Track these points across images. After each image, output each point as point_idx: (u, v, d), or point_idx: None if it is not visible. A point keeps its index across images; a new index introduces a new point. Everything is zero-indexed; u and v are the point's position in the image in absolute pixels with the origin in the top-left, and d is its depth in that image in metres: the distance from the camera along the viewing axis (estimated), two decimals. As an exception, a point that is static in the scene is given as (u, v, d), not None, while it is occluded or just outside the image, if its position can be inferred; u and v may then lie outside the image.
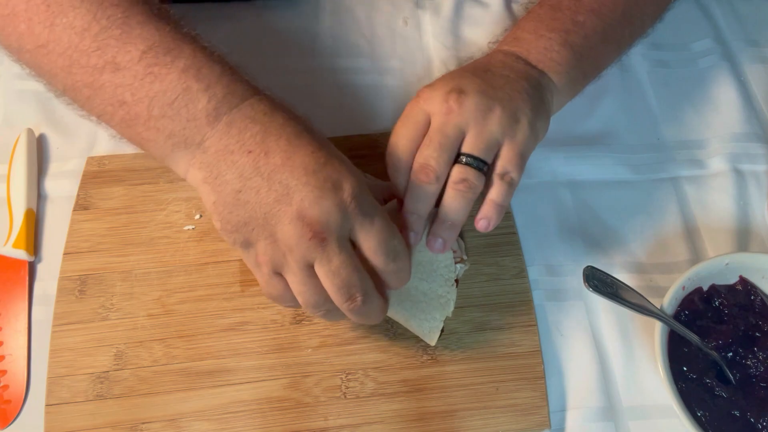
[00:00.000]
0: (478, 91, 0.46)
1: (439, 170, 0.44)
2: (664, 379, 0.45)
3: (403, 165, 0.46)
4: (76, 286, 0.52)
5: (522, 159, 0.47)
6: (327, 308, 0.42)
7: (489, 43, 0.57)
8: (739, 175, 0.60)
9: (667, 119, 0.64)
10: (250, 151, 0.39)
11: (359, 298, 0.41)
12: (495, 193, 0.46)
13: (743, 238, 0.57)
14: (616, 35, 0.55)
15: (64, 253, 0.53)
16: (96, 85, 0.40)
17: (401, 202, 0.46)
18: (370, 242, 0.40)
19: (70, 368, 0.49)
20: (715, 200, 0.59)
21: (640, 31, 0.58)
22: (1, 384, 0.49)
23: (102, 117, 0.42)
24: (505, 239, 0.55)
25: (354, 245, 0.41)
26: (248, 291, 0.52)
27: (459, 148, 0.46)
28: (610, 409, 0.49)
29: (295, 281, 0.41)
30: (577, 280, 0.54)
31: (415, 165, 0.45)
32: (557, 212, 0.58)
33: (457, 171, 0.45)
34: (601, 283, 0.47)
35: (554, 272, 0.55)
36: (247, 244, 0.41)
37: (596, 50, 0.53)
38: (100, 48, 0.39)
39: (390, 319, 0.51)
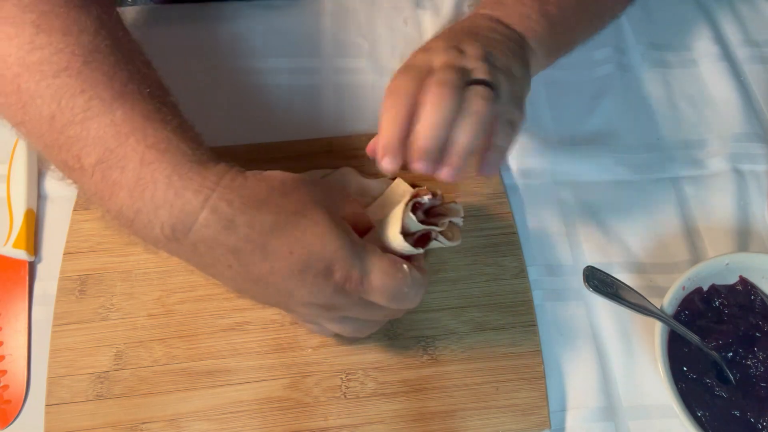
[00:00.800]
0: (475, 44, 0.45)
1: (457, 84, 0.41)
2: (664, 379, 0.45)
3: (403, 100, 0.42)
4: (76, 286, 0.52)
5: (522, 102, 0.46)
6: (369, 328, 0.47)
7: (469, 5, 0.56)
8: (739, 175, 0.60)
9: (667, 119, 0.64)
10: (230, 266, 0.37)
11: (377, 327, 0.47)
12: (501, 137, 0.45)
13: (743, 238, 0.57)
14: (589, 11, 0.55)
15: (64, 253, 0.53)
16: (73, 182, 0.40)
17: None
18: (376, 298, 0.40)
19: (70, 368, 0.49)
20: (715, 200, 0.59)
21: (611, 12, 0.58)
22: (1, 384, 0.49)
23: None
24: (505, 239, 0.55)
25: None
26: (248, 291, 0.52)
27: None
28: (610, 409, 0.49)
29: (332, 327, 0.44)
30: (577, 280, 0.54)
31: (430, 83, 0.41)
32: (557, 212, 0.58)
33: (474, 92, 0.41)
34: (601, 283, 0.47)
35: (554, 272, 0.55)
36: (280, 309, 0.45)
37: (570, 24, 0.54)
38: (65, 144, 0.38)
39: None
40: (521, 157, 0.60)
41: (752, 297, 0.50)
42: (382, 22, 0.69)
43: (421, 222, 0.43)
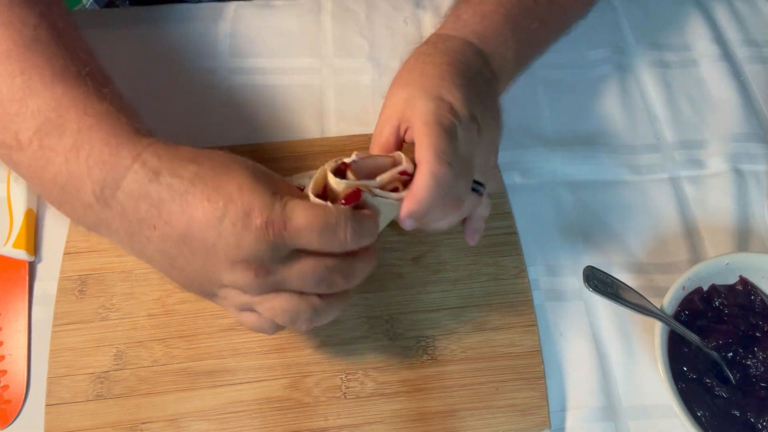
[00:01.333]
0: (486, 126, 0.46)
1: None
2: (664, 379, 0.45)
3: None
4: (76, 286, 0.52)
5: (496, 168, 0.50)
6: (308, 316, 0.40)
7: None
8: (739, 175, 0.60)
9: (667, 119, 0.64)
10: (154, 226, 0.38)
11: (340, 279, 0.39)
12: (484, 209, 0.49)
13: (743, 238, 0.57)
14: (555, 22, 0.57)
15: (64, 253, 0.53)
16: (10, 162, 0.40)
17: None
18: (308, 241, 0.37)
19: (70, 368, 0.49)
20: (715, 200, 0.59)
21: (577, 13, 0.60)
22: (1, 384, 0.49)
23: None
24: (505, 239, 0.55)
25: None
26: (248, 291, 0.52)
27: None
28: (610, 409, 0.49)
29: (265, 309, 0.39)
30: (577, 280, 0.54)
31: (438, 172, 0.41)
32: (557, 212, 0.58)
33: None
34: (601, 283, 0.47)
35: (554, 272, 0.55)
36: (207, 295, 0.41)
37: (538, 42, 0.56)
38: (4, 123, 0.39)
39: (390, 318, 0.51)
40: (521, 157, 0.60)
41: (752, 297, 0.50)
42: (382, 22, 0.69)
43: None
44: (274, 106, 0.63)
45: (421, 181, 0.41)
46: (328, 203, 0.38)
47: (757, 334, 0.48)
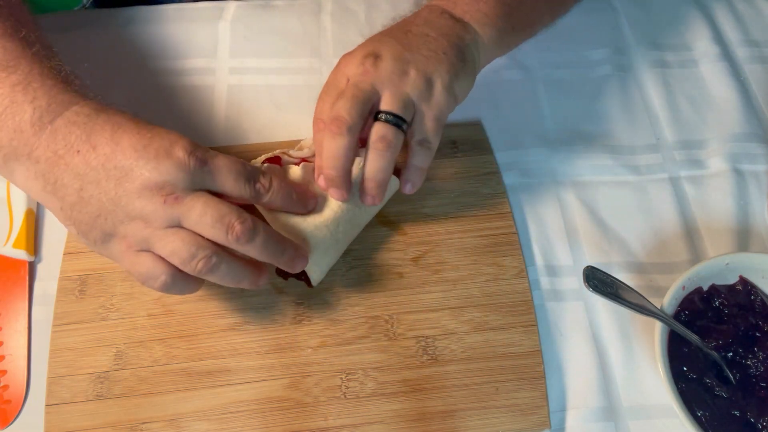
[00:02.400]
0: (394, 55, 0.47)
1: (350, 121, 0.45)
2: (664, 379, 0.45)
3: (322, 126, 0.47)
4: (76, 286, 0.52)
5: (438, 123, 0.49)
6: (204, 255, 0.40)
7: None
8: (739, 175, 0.60)
9: (667, 119, 0.64)
10: (78, 151, 0.40)
11: (237, 224, 0.40)
12: (416, 158, 0.49)
13: (743, 238, 0.57)
14: None
15: (64, 253, 0.53)
16: None
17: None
18: (225, 182, 0.41)
19: (70, 368, 0.49)
20: (715, 200, 0.59)
21: None
22: (1, 384, 0.49)
23: None
24: (505, 239, 0.55)
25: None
26: (248, 291, 0.52)
27: (376, 107, 0.47)
28: (610, 409, 0.49)
29: (164, 244, 0.40)
30: (577, 280, 0.54)
31: (327, 118, 0.46)
32: (557, 212, 0.58)
33: (377, 128, 0.47)
34: (601, 283, 0.47)
35: (554, 272, 0.55)
36: (106, 237, 0.41)
37: (526, 2, 0.54)
38: None
39: (390, 318, 0.51)
40: (521, 157, 0.60)
41: (752, 297, 0.50)
42: (382, 22, 0.69)
43: None
44: (274, 106, 0.63)
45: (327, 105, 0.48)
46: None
47: (757, 334, 0.48)
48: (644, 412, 0.49)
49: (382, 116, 0.47)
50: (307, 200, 0.48)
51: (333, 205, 0.49)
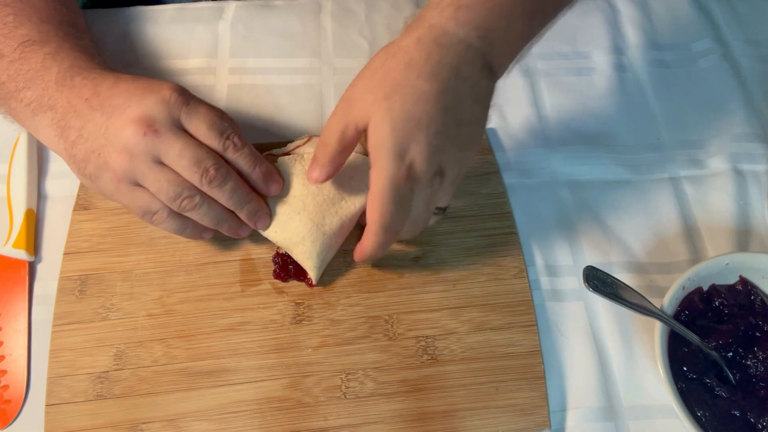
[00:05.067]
0: (435, 156, 0.42)
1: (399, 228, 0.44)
2: (664, 379, 0.45)
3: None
4: (76, 286, 0.52)
5: (456, 184, 0.47)
6: (188, 194, 0.45)
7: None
8: (739, 175, 0.60)
9: (667, 119, 0.64)
10: (86, 99, 0.45)
11: (212, 169, 0.44)
12: (433, 221, 0.50)
13: (743, 238, 0.57)
14: None
15: (64, 253, 0.53)
16: None
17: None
18: (199, 126, 0.44)
19: (70, 368, 0.49)
20: (715, 200, 0.59)
21: None
22: (1, 384, 0.49)
23: None
24: (505, 239, 0.55)
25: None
26: (248, 291, 0.52)
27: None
28: (610, 409, 0.49)
29: (150, 180, 0.44)
30: (577, 280, 0.54)
31: (376, 224, 0.43)
32: (557, 212, 0.58)
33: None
34: (601, 283, 0.47)
35: (554, 272, 0.55)
36: (99, 171, 0.45)
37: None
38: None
39: (390, 318, 0.51)
40: (521, 157, 0.60)
41: (752, 297, 0.50)
42: (382, 22, 0.69)
43: None
44: (274, 106, 0.63)
45: (366, 242, 0.44)
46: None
47: (757, 334, 0.48)
48: (644, 412, 0.49)
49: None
50: (270, 180, 0.48)
51: (316, 196, 0.49)
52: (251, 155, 0.47)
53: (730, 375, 0.47)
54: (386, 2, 0.70)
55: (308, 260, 0.50)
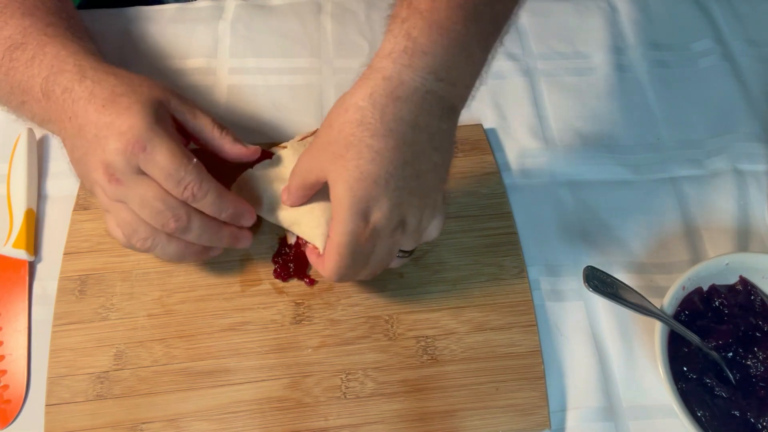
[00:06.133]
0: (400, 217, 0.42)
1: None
2: (664, 379, 0.45)
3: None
4: (76, 286, 0.52)
5: (422, 235, 0.46)
6: (154, 239, 0.45)
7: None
8: (739, 175, 0.60)
9: (667, 119, 0.64)
10: (69, 118, 0.45)
11: (172, 222, 0.44)
12: (397, 263, 0.49)
13: (743, 238, 0.57)
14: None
15: (64, 253, 0.53)
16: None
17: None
18: (157, 175, 0.43)
19: (70, 368, 0.49)
20: (715, 200, 0.59)
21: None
22: (1, 384, 0.49)
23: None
24: (505, 239, 0.55)
25: None
26: (248, 291, 0.52)
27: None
28: (610, 409, 0.49)
29: (116, 215, 0.45)
30: (577, 280, 0.54)
31: (333, 271, 0.43)
32: (557, 212, 0.58)
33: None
34: (601, 283, 0.47)
35: (554, 272, 0.55)
36: (91, 187, 0.46)
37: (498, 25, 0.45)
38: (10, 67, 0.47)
39: (390, 318, 0.51)
40: (521, 157, 0.60)
41: (752, 297, 0.50)
42: (382, 22, 0.68)
43: None
44: (273, 106, 0.63)
45: (324, 273, 0.44)
46: (195, 160, 0.44)
47: (757, 334, 0.48)
48: (644, 412, 0.49)
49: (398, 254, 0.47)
50: (240, 218, 0.47)
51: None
52: (214, 203, 0.45)
53: (730, 375, 0.47)
54: (386, 2, 0.70)
55: (317, 228, 0.47)
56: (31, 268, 0.53)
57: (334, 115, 0.42)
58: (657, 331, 0.47)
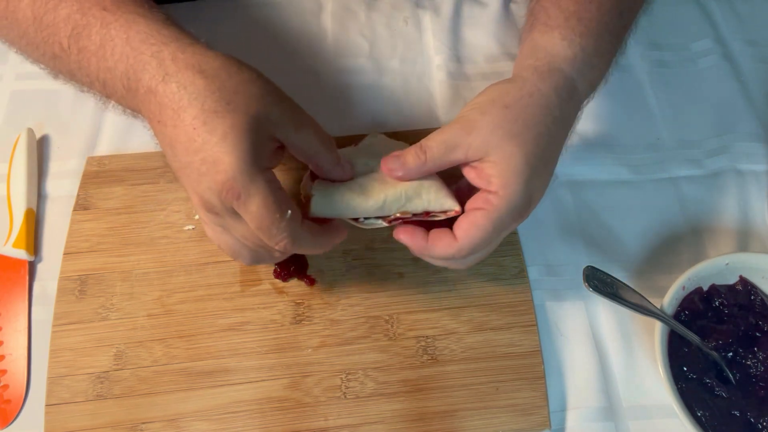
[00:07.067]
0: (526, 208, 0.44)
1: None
2: (664, 379, 0.45)
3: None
4: (76, 286, 0.52)
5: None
6: (260, 258, 0.45)
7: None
8: (739, 175, 0.60)
9: (667, 119, 0.64)
10: (159, 121, 0.41)
11: (277, 253, 0.43)
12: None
13: (743, 238, 0.57)
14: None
15: (64, 253, 0.53)
16: (67, 72, 0.45)
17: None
18: (250, 222, 0.40)
19: (70, 368, 0.49)
20: (715, 200, 0.59)
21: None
22: (1, 384, 0.49)
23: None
24: (505, 239, 0.55)
25: None
26: (248, 291, 0.52)
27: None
28: (610, 409, 0.49)
29: (216, 239, 0.44)
30: (577, 280, 0.54)
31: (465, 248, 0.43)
32: (557, 212, 0.58)
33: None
34: (601, 283, 0.47)
35: (554, 272, 0.55)
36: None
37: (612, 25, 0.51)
38: (49, 36, 0.43)
39: (390, 318, 0.51)
40: (521, 157, 0.60)
41: (752, 297, 0.50)
42: (382, 22, 0.69)
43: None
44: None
45: (462, 241, 0.43)
46: (289, 211, 0.41)
47: (757, 334, 0.48)
48: (644, 412, 0.49)
49: None
50: (334, 242, 0.46)
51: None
52: (309, 248, 0.44)
53: (730, 375, 0.47)
54: (386, 2, 0.70)
55: (441, 190, 0.45)
56: (31, 268, 0.53)
57: (510, 98, 0.44)
58: (657, 331, 0.47)
